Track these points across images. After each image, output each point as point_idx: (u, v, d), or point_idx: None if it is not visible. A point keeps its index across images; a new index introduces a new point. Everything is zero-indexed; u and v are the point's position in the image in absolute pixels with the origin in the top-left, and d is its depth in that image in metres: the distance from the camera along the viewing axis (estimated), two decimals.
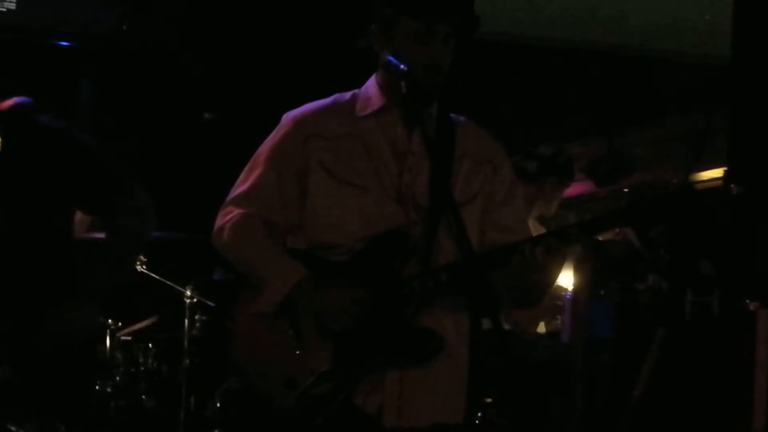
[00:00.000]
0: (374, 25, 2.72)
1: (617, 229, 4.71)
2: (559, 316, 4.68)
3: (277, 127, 2.84)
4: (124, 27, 5.35)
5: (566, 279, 4.71)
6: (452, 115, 2.84)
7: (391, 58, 2.60)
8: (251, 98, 5.95)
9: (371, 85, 2.80)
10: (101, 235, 3.09)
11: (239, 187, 2.84)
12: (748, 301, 4.37)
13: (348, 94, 2.78)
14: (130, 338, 4.86)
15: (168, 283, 4.82)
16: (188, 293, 4.71)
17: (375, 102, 2.76)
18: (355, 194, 2.77)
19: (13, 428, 2.89)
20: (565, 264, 4.33)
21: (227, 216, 2.82)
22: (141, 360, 4.73)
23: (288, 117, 2.83)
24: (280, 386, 2.72)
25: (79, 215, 3.38)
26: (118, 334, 4.70)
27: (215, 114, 5.88)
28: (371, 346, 2.70)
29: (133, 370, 4.71)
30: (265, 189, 2.79)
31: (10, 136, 2.92)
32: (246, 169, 2.85)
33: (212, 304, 4.87)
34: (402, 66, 2.58)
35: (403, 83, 2.58)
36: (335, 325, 2.71)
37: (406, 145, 2.78)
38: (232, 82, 5.81)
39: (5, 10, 5.09)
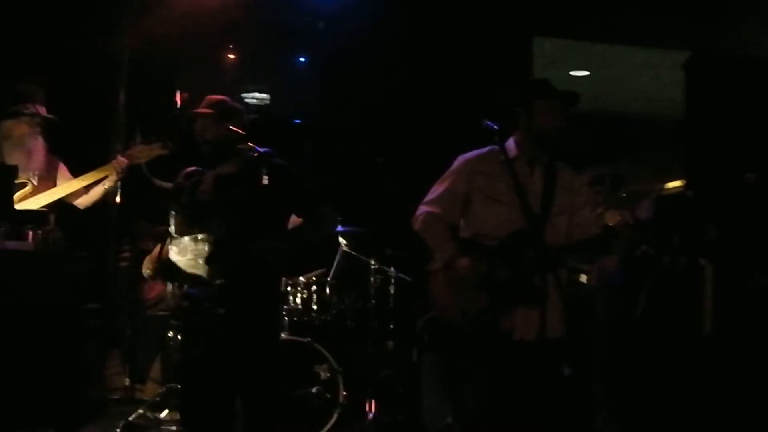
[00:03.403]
0: (518, 108, 3.37)
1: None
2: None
3: (456, 163, 3.45)
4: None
5: None
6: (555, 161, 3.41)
7: (535, 133, 3.31)
8: (407, 148, 6.61)
9: (511, 141, 3.41)
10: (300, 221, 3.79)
11: (430, 195, 3.46)
12: (700, 259, 5.45)
13: (496, 147, 3.29)
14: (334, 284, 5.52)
15: (361, 256, 5.76)
16: (372, 262, 5.71)
17: (513, 152, 3.36)
18: (498, 206, 3.31)
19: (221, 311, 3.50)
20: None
21: (420, 210, 3.45)
22: (346, 300, 5.77)
23: (462, 158, 3.45)
24: (459, 316, 3.28)
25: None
26: (331, 283, 5.52)
27: (383, 159, 6.56)
28: (508, 295, 3.21)
29: (341, 306, 5.76)
30: (443, 199, 3.42)
31: (259, 169, 3.55)
32: (436, 184, 3.46)
33: (386, 268, 5.76)
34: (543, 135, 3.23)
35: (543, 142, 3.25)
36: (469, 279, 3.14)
37: (529, 179, 3.37)
38: (394, 137, 6.47)
39: (263, 104, 6.33)
